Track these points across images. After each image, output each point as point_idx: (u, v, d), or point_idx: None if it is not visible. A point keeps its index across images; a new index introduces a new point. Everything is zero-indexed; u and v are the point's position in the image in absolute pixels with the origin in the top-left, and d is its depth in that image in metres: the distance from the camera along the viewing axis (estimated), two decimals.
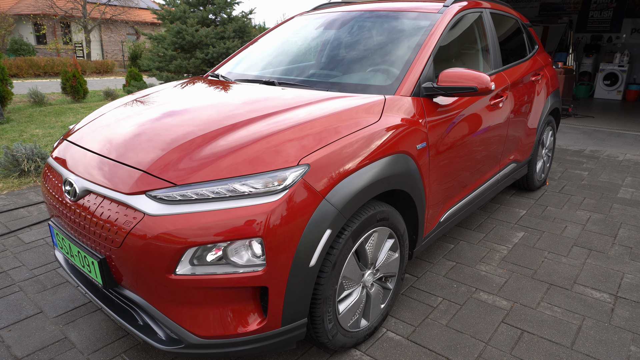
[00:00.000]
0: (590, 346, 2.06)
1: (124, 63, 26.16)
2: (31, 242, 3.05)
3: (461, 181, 2.64)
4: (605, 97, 10.34)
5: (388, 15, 2.74)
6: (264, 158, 1.62)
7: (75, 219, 1.75)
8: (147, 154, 1.71)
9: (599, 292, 2.49)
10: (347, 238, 1.75)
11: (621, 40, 10.34)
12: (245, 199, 1.54)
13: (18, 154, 4.29)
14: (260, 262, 1.54)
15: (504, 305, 2.37)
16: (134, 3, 27.30)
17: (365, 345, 2.07)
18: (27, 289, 2.50)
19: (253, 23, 23.13)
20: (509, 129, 3.15)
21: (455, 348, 2.05)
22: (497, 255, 2.92)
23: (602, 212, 3.65)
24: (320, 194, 1.62)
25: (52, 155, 2.12)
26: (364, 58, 2.52)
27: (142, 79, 10.27)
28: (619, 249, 3.01)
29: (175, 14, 9.55)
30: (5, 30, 22.06)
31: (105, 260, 1.65)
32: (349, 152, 1.76)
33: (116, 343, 2.08)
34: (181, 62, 9.21)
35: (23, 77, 17.13)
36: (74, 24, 26.15)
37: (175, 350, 1.61)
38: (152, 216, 1.52)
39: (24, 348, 2.04)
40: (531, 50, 3.84)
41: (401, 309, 2.34)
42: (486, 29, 3.02)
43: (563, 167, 4.96)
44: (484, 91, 2.16)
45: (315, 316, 1.76)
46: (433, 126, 2.24)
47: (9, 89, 7.71)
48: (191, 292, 1.54)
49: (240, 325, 1.60)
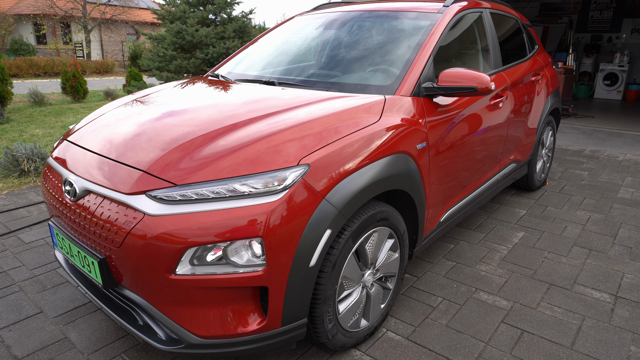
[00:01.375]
0: (590, 346, 2.06)
1: (124, 63, 26.16)
2: (31, 242, 3.05)
3: (461, 181, 2.64)
4: (605, 97, 10.34)
5: (388, 15, 2.74)
6: (264, 158, 1.62)
7: (75, 219, 1.75)
8: (147, 154, 1.72)
9: (599, 292, 2.49)
10: (347, 238, 1.75)
11: (621, 40, 10.34)
12: (245, 199, 1.54)
13: (18, 154, 4.29)
14: (260, 262, 1.54)
15: (504, 305, 2.37)
16: (134, 3, 27.30)
17: (365, 345, 2.07)
18: (27, 289, 2.50)
19: (253, 23, 23.15)
20: (509, 129, 3.15)
21: (455, 348, 2.05)
22: (497, 255, 2.92)
23: (602, 212, 3.65)
24: (320, 194, 1.62)
25: (52, 155, 2.12)
26: (363, 58, 2.52)
27: (142, 79, 10.27)
28: (619, 249, 3.00)
29: (175, 14, 9.55)
30: (5, 30, 22.06)
31: (105, 260, 1.65)
32: (349, 152, 1.76)
33: (116, 343, 2.08)
34: (181, 62, 9.21)
35: (23, 77, 17.13)
36: (74, 24, 26.15)
37: (175, 350, 1.61)
38: (152, 216, 1.52)
39: (24, 348, 2.04)
40: (531, 50, 3.84)
41: (401, 309, 2.34)
42: (486, 29, 3.02)
43: (563, 167, 4.96)
44: (484, 91, 2.16)
45: (315, 316, 1.76)
46: (433, 126, 2.24)
47: (9, 89, 7.71)
48: (191, 292, 1.54)
49: (240, 325, 1.60)
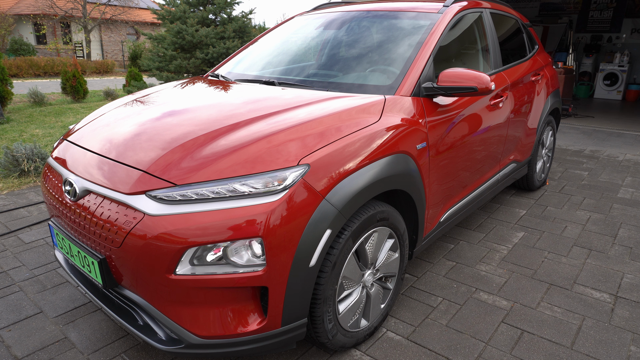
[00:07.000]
0: (590, 346, 2.06)
1: (124, 63, 26.16)
2: (31, 242, 3.05)
3: (461, 181, 2.64)
4: (605, 97, 10.34)
5: (388, 15, 2.74)
6: (264, 158, 1.62)
7: (75, 219, 1.75)
8: (147, 154, 1.71)
9: (599, 292, 2.49)
10: (347, 238, 1.75)
11: (621, 40, 10.33)
12: (245, 199, 1.54)
13: (18, 154, 4.29)
14: (260, 262, 1.54)
15: (504, 305, 2.37)
16: (134, 3, 27.29)
17: (365, 345, 2.07)
18: (27, 289, 2.50)
19: (253, 23, 23.14)
20: (509, 129, 3.15)
21: (455, 348, 2.05)
22: (497, 255, 2.92)
23: (602, 212, 3.65)
24: (320, 194, 1.62)
25: (52, 155, 2.12)
26: (363, 58, 2.52)
27: (142, 79, 10.27)
28: (619, 249, 3.00)
29: (175, 14, 9.55)
30: (5, 30, 22.05)
31: (105, 260, 1.65)
32: (349, 152, 1.76)
33: (116, 343, 2.08)
34: (181, 62, 9.21)
35: (23, 77, 17.13)
36: (74, 24, 26.14)
37: (175, 350, 1.61)
38: (152, 216, 1.52)
39: (24, 348, 2.04)
40: (531, 50, 3.84)
41: (401, 309, 2.34)
42: (486, 29, 3.02)
43: (563, 167, 4.96)
44: (484, 91, 2.16)
45: (315, 316, 1.76)
46: (433, 126, 2.24)
47: (9, 89, 7.71)
48: (191, 292, 1.54)
49: (240, 325, 1.60)
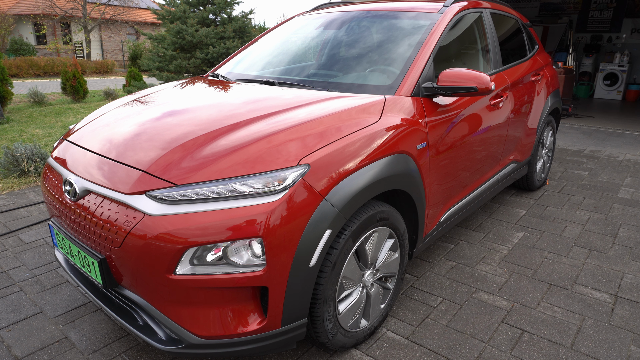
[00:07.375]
0: (590, 346, 2.06)
1: (124, 63, 26.15)
2: (31, 242, 3.05)
3: (461, 181, 2.64)
4: (605, 97, 10.34)
5: (388, 15, 2.74)
6: (264, 158, 1.62)
7: (75, 219, 1.75)
8: (147, 154, 1.71)
9: (599, 292, 2.49)
10: (347, 238, 1.75)
11: (621, 40, 10.33)
12: (245, 199, 1.54)
13: (18, 154, 4.29)
14: (260, 262, 1.54)
15: (504, 305, 2.37)
16: (134, 3, 27.29)
17: (365, 345, 2.07)
18: (27, 289, 2.50)
19: (253, 23, 23.13)
20: (509, 129, 3.15)
21: (455, 348, 2.05)
22: (497, 255, 2.92)
23: (602, 212, 3.65)
24: (320, 194, 1.62)
25: (52, 155, 2.12)
26: (363, 58, 2.52)
27: (142, 79, 10.27)
28: (619, 249, 3.00)
29: (175, 14, 9.55)
30: (5, 30, 22.05)
31: (105, 260, 1.65)
32: (349, 152, 1.76)
33: (116, 343, 2.08)
34: (181, 62, 9.21)
35: (23, 77, 17.13)
36: (74, 24, 26.14)
37: (175, 350, 1.61)
38: (152, 216, 1.52)
39: (24, 348, 2.04)
40: (531, 50, 3.84)
41: (401, 309, 2.34)
42: (486, 29, 3.02)
43: (563, 167, 4.96)
44: (484, 91, 2.16)
45: (315, 316, 1.76)
46: (433, 126, 2.24)
47: (9, 89, 7.71)
48: (191, 292, 1.54)
49: (240, 325, 1.60)
